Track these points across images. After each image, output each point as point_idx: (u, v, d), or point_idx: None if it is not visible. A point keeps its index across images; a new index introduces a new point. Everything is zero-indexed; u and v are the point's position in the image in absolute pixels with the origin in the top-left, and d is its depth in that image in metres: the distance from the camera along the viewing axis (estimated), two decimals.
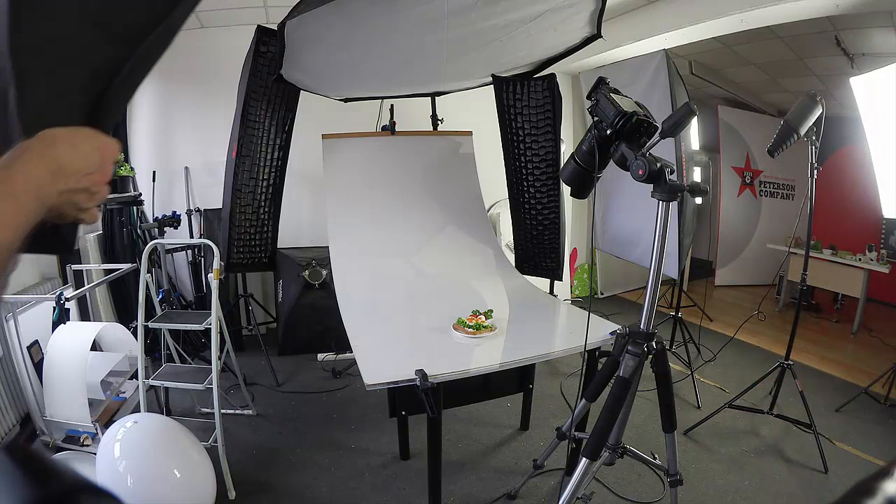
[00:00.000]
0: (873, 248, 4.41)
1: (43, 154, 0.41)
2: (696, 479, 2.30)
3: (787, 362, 2.59)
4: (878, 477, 0.37)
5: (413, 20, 2.19)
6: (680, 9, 3.43)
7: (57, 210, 0.44)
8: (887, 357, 3.48)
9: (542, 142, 3.03)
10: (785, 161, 4.25)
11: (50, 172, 0.41)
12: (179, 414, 2.63)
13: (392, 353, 1.90)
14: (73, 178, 0.43)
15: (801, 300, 2.65)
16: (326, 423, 2.76)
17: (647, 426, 2.67)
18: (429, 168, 3.09)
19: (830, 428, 2.72)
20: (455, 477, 2.27)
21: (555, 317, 2.42)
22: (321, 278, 3.55)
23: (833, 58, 4.05)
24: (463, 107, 3.57)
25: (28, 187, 0.38)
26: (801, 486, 2.28)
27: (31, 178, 0.39)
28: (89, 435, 2.29)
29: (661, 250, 1.33)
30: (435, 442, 1.69)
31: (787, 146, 2.44)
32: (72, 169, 0.43)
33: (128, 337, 2.66)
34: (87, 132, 0.47)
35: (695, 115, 1.25)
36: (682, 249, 3.35)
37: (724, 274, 5.94)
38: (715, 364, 3.63)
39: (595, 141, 1.34)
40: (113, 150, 0.49)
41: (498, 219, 4.33)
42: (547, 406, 2.95)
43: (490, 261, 2.91)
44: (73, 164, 0.43)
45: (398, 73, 2.89)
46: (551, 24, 2.34)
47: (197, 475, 1.89)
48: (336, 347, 3.47)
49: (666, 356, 1.45)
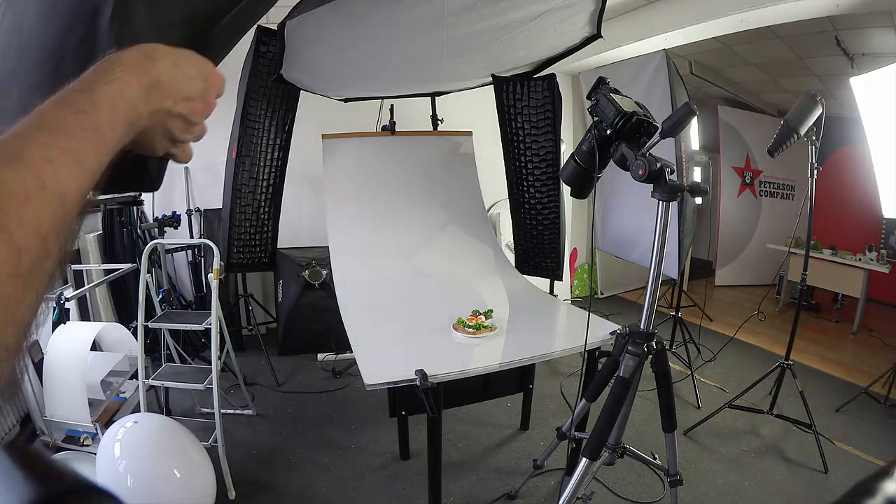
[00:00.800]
0: (873, 248, 4.41)
1: (138, 66, 0.35)
2: (696, 479, 2.30)
3: (787, 362, 2.59)
4: (878, 477, 0.37)
5: (413, 20, 2.19)
6: (680, 9, 3.43)
7: (147, 136, 0.38)
8: (887, 357, 3.48)
9: (542, 142, 3.03)
10: (785, 161, 4.25)
11: (145, 88, 0.35)
12: (179, 414, 2.63)
13: (392, 353, 1.90)
14: (170, 98, 0.37)
15: (801, 300, 2.65)
16: (326, 423, 2.76)
17: (647, 426, 2.67)
18: (429, 168, 3.09)
19: (830, 428, 2.72)
20: (455, 477, 2.27)
21: (555, 317, 2.42)
22: (321, 278, 3.55)
23: (833, 58, 4.05)
24: (463, 107, 3.57)
25: (115, 113, 0.32)
26: (801, 486, 2.28)
27: (120, 97, 0.33)
28: (89, 435, 2.29)
29: (661, 250, 1.33)
30: (435, 442, 1.69)
31: (787, 146, 2.44)
32: (171, 88, 0.37)
33: (128, 337, 2.66)
34: (192, 54, 0.41)
35: (695, 115, 1.25)
36: (682, 249, 3.35)
37: (724, 274, 5.94)
38: (715, 364, 3.63)
39: (595, 141, 1.34)
40: (217, 81, 0.43)
41: (498, 219, 4.33)
42: (547, 406, 2.95)
43: (490, 261, 2.91)
44: (173, 83, 0.37)
45: (398, 73, 2.89)
46: (551, 24, 2.34)
47: (197, 475, 1.89)
48: (336, 347, 3.47)
49: (666, 356, 1.45)
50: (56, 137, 0.28)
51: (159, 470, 1.79)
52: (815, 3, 2.79)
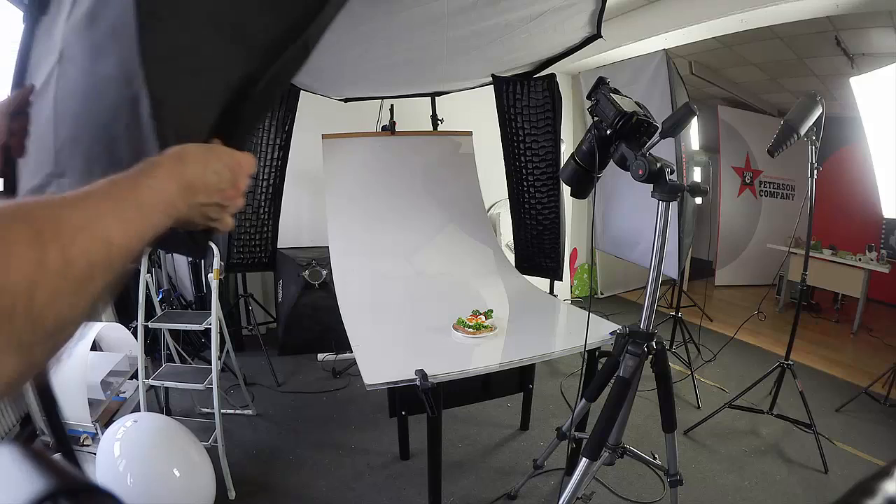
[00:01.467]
0: (873, 248, 4.41)
1: (172, 171, 0.41)
2: (696, 479, 2.30)
3: (787, 362, 2.59)
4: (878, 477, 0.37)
5: (413, 20, 2.19)
6: (680, 9, 3.43)
7: (187, 221, 0.44)
8: (887, 357, 3.48)
9: (542, 142, 3.03)
10: (785, 161, 4.25)
11: (179, 189, 0.41)
12: (179, 414, 2.63)
13: (392, 353, 1.90)
14: (202, 194, 0.44)
15: (801, 300, 2.65)
16: (326, 423, 2.76)
17: (647, 426, 2.67)
18: (429, 168, 3.09)
19: (830, 428, 2.72)
20: (455, 477, 2.27)
21: (555, 317, 2.42)
22: (321, 278, 3.55)
23: (833, 58, 4.05)
24: (463, 107, 3.57)
25: (156, 200, 0.38)
26: (801, 486, 2.28)
27: (159, 192, 0.39)
28: (89, 435, 2.29)
29: (661, 250, 1.32)
30: (435, 442, 1.69)
31: (787, 146, 2.44)
32: (202, 186, 0.43)
33: (128, 337, 2.66)
34: (219, 149, 0.48)
35: (695, 115, 1.25)
36: (682, 249, 3.35)
37: (724, 274, 5.94)
38: (715, 364, 3.63)
39: (595, 141, 1.34)
40: (247, 166, 0.50)
41: (498, 219, 4.33)
42: (547, 406, 2.95)
43: (490, 261, 2.91)
44: (204, 182, 0.44)
45: (398, 73, 2.88)
46: (551, 25, 2.34)
47: (197, 475, 1.89)
48: (336, 347, 3.47)
49: (666, 356, 1.45)
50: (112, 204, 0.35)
51: (159, 470, 1.79)
52: (815, 3, 2.79)
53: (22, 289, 0.26)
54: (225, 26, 0.56)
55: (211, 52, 0.55)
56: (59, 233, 0.29)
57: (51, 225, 0.29)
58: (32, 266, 0.27)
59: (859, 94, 2.89)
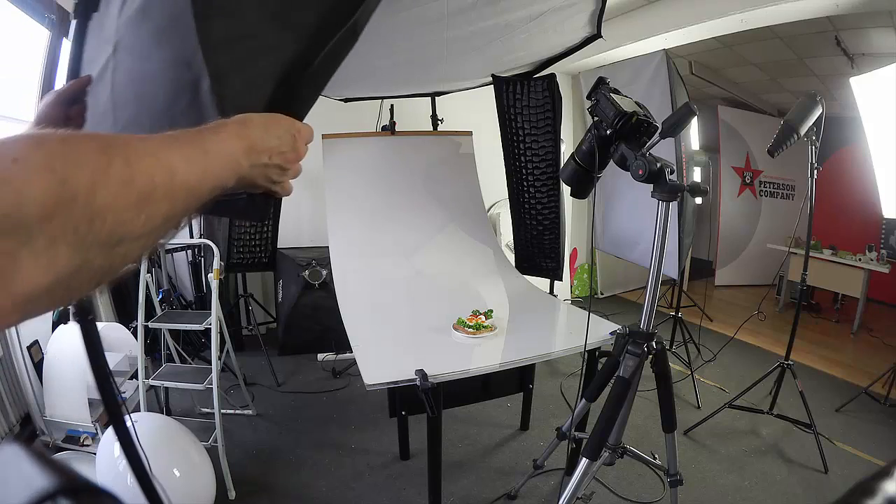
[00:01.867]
0: (873, 248, 4.41)
1: (238, 131, 0.44)
2: (696, 479, 2.30)
3: (787, 362, 2.59)
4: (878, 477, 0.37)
5: (413, 20, 2.19)
6: (680, 9, 3.43)
7: (250, 181, 0.47)
8: (887, 357, 3.48)
9: (542, 142, 3.03)
10: (785, 161, 4.25)
11: (242, 149, 0.44)
12: (179, 414, 2.63)
13: (392, 353, 1.90)
14: (264, 154, 0.47)
15: (801, 300, 2.65)
16: (326, 423, 2.76)
17: (647, 426, 2.67)
18: (429, 168, 3.09)
19: (830, 428, 2.72)
20: (455, 477, 2.27)
21: (555, 317, 2.42)
22: (321, 278, 3.55)
23: (833, 58, 4.05)
24: (463, 107, 3.57)
25: (220, 151, 0.41)
26: (801, 486, 2.28)
27: (224, 146, 0.42)
28: (89, 435, 2.29)
29: (661, 250, 1.32)
30: (435, 442, 1.69)
31: (787, 146, 2.44)
32: (263, 147, 0.47)
33: (128, 337, 2.66)
34: (280, 117, 0.51)
35: (695, 116, 1.25)
36: (682, 249, 3.35)
37: (724, 274, 5.94)
38: (715, 364, 3.63)
39: (595, 141, 1.34)
40: (306, 133, 0.54)
41: (498, 219, 4.33)
42: (547, 406, 2.95)
43: (490, 261, 2.91)
44: (266, 144, 0.47)
45: (398, 73, 2.88)
46: (551, 25, 2.34)
47: (197, 475, 1.89)
48: (336, 347, 3.47)
49: (666, 356, 1.45)
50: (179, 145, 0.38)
51: (159, 470, 1.78)
52: (815, 3, 2.79)
53: (85, 184, 0.29)
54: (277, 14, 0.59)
55: (264, 38, 0.59)
56: (127, 151, 0.32)
57: (120, 143, 0.33)
58: (98, 169, 0.30)
59: (859, 94, 2.89)
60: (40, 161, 0.27)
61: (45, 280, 0.28)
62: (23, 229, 0.26)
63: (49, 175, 0.27)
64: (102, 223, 0.30)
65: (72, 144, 0.30)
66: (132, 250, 0.33)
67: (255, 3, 0.59)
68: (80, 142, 0.30)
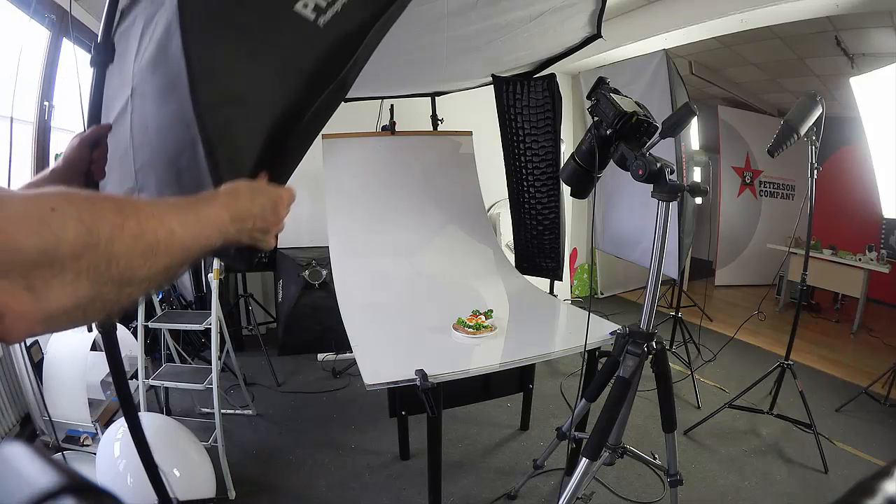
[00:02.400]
0: (873, 248, 4.41)
1: (225, 203, 0.52)
2: (696, 479, 2.30)
3: (787, 362, 2.59)
4: (878, 477, 0.37)
5: (413, 20, 2.19)
6: (680, 9, 3.43)
7: (236, 240, 0.55)
8: (887, 357, 3.48)
9: (542, 142, 3.03)
10: (785, 161, 4.24)
11: (230, 218, 0.52)
12: (179, 414, 2.63)
13: (392, 353, 1.90)
14: (248, 221, 0.55)
15: (801, 300, 2.65)
16: (326, 423, 2.76)
17: (647, 426, 2.67)
18: (429, 168, 3.09)
19: (830, 428, 2.72)
20: (455, 477, 2.27)
21: (555, 317, 2.42)
22: (321, 278, 3.55)
23: (833, 58, 4.05)
24: (463, 107, 3.57)
25: (211, 219, 0.50)
26: (801, 486, 2.28)
27: (214, 216, 0.50)
28: (89, 435, 2.29)
29: (662, 250, 1.32)
30: (435, 442, 1.69)
31: (787, 146, 2.44)
32: (248, 215, 0.55)
33: (128, 337, 2.66)
34: (264, 187, 0.59)
35: (695, 116, 1.25)
36: (682, 249, 3.35)
37: (724, 274, 5.94)
38: (715, 364, 3.63)
39: (595, 141, 1.34)
40: (287, 198, 0.61)
41: (498, 219, 4.33)
42: (547, 406, 2.95)
43: (490, 261, 2.91)
44: (250, 212, 0.55)
45: (398, 73, 2.88)
46: (551, 25, 2.34)
47: (197, 475, 1.89)
48: (336, 347, 3.47)
49: (666, 356, 1.45)
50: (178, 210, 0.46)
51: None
52: (815, 3, 2.79)
53: (106, 234, 0.36)
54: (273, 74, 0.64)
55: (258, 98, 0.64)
56: (138, 213, 0.40)
57: (132, 207, 0.41)
58: (116, 224, 0.37)
59: (859, 94, 2.90)
60: (73, 213, 0.35)
61: (68, 303, 0.35)
62: (57, 264, 0.34)
63: (80, 225, 0.35)
64: (116, 266, 0.37)
65: (96, 203, 0.37)
66: (136, 291, 0.41)
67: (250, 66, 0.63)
68: (102, 201, 0.39)
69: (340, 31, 0.68)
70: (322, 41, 0.67)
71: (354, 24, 0.69)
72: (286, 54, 0.65)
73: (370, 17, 0.70)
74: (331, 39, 0.67)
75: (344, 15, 0.67)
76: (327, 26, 0.66)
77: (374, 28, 0.71)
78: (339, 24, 0.67)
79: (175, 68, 0.59)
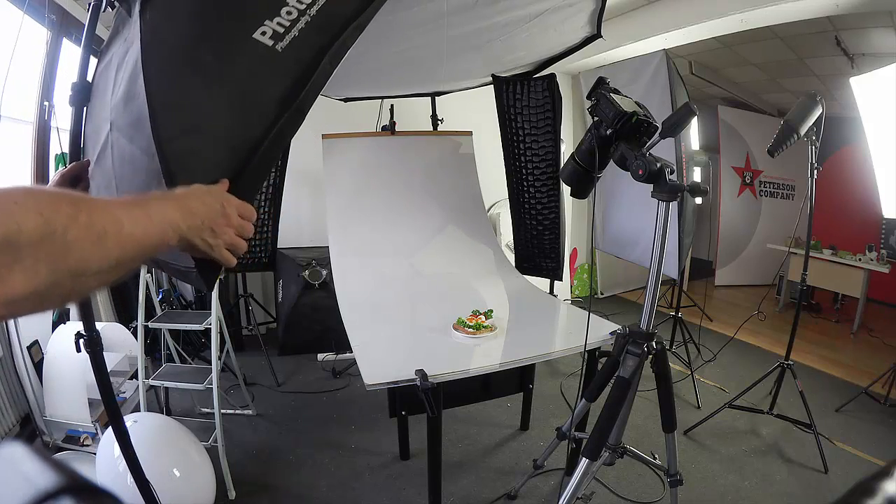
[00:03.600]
0: (873, 248, 4.41)
1: (176, 202, 0.57)
2: (696, 479, 2.30)
3: (787, 362, 2.59)
4: (878, 477, 0.37)
5: (413, 20, 2.19)
6: (680, 9, 3.43)
7: (189, 240, 0.58)
8: (887, 357, 3.48)
9: (542, 142, 3.03)
10: (785, 161, 4.25)
11: (181, 214, 0.56)
12: (179, 414, 2.63)
13: (392, 353, 1.90)
14: (197, 218, 0.58)
15: (801, 300, 2.65)
16: (326, 423, 2.76)
17: (647, 426, 2.67)
18: (429, 168, 3.09)
19: (830, 428, 2.72)
20: (455, 477, 2.27)
21: (555, 317, 2.42)
22: (321, 278, 3.55)
23: (833, 58, 4.05)
24: (463, 107, 3.57)
25: (161, 213, 0.53)
26: (801, 486, 2.28)
27: (165, 211, 0.54)
28: (89, 435, 2.29)
29: (662, 250, 1.32)
30: (435, 442, 1.69)
31: (787, 146, 2.44)
32: (198, 212, 0.58)
33: (128, 337, 2.66)
34: (217, 190, 0.63)
35: (695, 116, 1.25)
36: (682, 249, 3.34)
37: (724, 274, 5.94)
38: (715, 364, 3.63)
39: (595, 141, 1.34)
40: (235, 203, 0.64)
41: (498, 219, 4.33)
42: (547, 406, 2.95)
43: (490, 261, 2.91)
44: (198, 210, 0.58)
45: (398, 73, 2.88)
46: (551, 24, 2.34)
47: (197, 475, 1.89)
48: (336, 347, 3.46)
49: (666, 356, 1.45)
50: (128, 207, 0.50)
51: (159, 470, 1.78)
52: (815, 3, 2.79)
53: (61, 224, 0.40)
54: (231, 104, 0.67)
55: (215, 129, 0.67)
56: (90, 207, 0.44)
57: (85, 202, 0.44)
58: (70, 216, 0.41)
59: (859, 94, 2.89)
60: (33, 206, 0.38)
61: (27, 289, 0.38)
62: (18, 251, 0.37)
63: (38, 217, 0.38)
64: (72, 255, 0.41)
65: (54, 197, 0.41)
66: (91, 281, 0.44)
67: (208, 98, 0.66)
68: (60, 196, 0.42)
69: (298, 55, 0.71)
70: (280, 65, 0.70)
71: (312, 48, 0.72)
72: (244, 85, 0.69)
73: (328, 41, 0.73)
74: (289, 64, 0.70)
75: (302, 39, 0.70)
76: (286, 50, 0.69)
77: (329, 53, 0.74)
78: (297, 48, 0.70)
79: (141, 103, 0.63)
